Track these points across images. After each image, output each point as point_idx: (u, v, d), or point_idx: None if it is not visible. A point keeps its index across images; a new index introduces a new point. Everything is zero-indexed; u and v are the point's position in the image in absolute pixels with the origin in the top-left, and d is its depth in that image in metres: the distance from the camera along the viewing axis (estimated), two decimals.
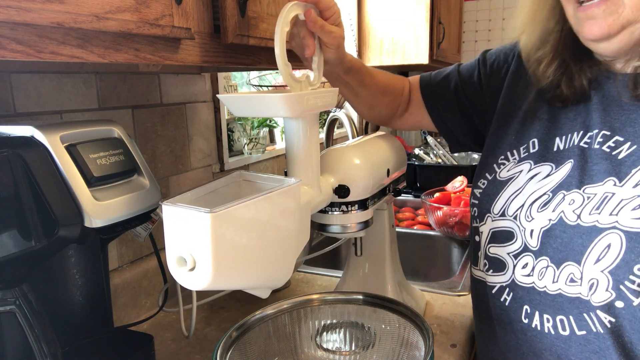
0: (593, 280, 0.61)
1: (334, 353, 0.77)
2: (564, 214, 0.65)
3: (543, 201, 0.68)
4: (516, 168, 0.75)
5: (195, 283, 0.55)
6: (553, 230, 0.66)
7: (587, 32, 0.63)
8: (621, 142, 0.64)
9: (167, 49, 0.62)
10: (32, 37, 0.46)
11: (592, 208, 0.62)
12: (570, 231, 0.64)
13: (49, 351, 0.57)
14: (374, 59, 2.13)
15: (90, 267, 0.73)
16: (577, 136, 0.70)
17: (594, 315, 0.62)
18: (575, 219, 0.64)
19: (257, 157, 1.46)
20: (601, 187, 0.63)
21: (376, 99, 0.92)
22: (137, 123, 1.03)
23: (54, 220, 0.55)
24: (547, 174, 0.70)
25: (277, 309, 0.77)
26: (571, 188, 0.66)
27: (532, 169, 0.73)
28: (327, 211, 0.80)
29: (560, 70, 0.71)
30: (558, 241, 0.65)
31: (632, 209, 0.59)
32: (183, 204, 0.54)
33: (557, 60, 0.72)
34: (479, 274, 0.78)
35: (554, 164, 0.71)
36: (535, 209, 0.69)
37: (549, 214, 0.67)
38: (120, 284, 0.99)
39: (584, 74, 0.70)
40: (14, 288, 0.56)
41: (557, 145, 0.72)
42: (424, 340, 0.66)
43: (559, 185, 0.68)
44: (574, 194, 0.65)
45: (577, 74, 0.70)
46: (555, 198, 0.67)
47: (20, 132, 0.59)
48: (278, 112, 0.68)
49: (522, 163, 0.74)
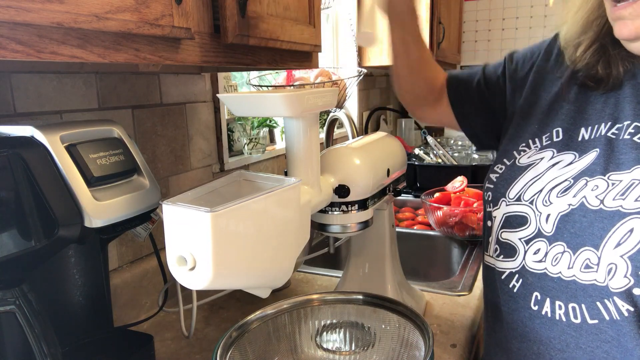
0: (611, 266, 0.61)
1: (334, 353, 0.77)
2: (585, 199, 0.65)
3: (564, 187, 0.68)
4: (537, 155, 0.74)
5: (196, 282, 0.55)
6: (572, 215, 0.65)
7: (618, 32, 0.65)
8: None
9: (167, 49, 0.62)
10: (32, 37, 0.46)
11: (616, 194, 0.62)
12: (591, 215, 0.63)
13: (49, 351, 0.57)
14: (374, 58, 2.13)
15: (90, 267, 0.73)
16: (604, 127, 0.69)
17: (611, 303, 0.62)
18: (598, 203, 0.63)
19: (257, 157, 1.46)
20: (628, 174, 0.63)
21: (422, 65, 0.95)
22: (137, 123, 1.03)
23: (54, 220, 0.55)
24: (569, 162, 0.70)
25: (277, 309, 0.77)
26: (595, 175, 0.66)
27: (555, 157, 0.72)
28: (327, 211, 0.80)
29: (599, 53, 0.72)
30: (577, 226, 0.65)
31: None
32: (183, 203, 0.54)
33: (597, 44, 0.73)
34: (489, 260, 0.77)
35: (577, 152, 0.70)
36: (554, 194, 0.68)
37: (569, 199, 0.66)
38: (120, 284, 0.99)
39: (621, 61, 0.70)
40: (14, 288, 0.56)
41: (582, 135, 0.71)
42: (424, 340, 0.66)
43: (581, 172, 0.67)
44: (598, 180, 0.65)
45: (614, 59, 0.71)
46: (577, 184, 0.67)
47: (20, 132, 0.59)
48: (278, 111, 0.68)
49: (544, 151, 0.74)
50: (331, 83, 1.42)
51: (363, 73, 1.44)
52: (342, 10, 2.13)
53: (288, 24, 0.86)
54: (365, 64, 2.15)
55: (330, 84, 1.42)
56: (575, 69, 0.76)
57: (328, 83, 1.41)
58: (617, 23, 0.64)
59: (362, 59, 2.15)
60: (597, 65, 0.72)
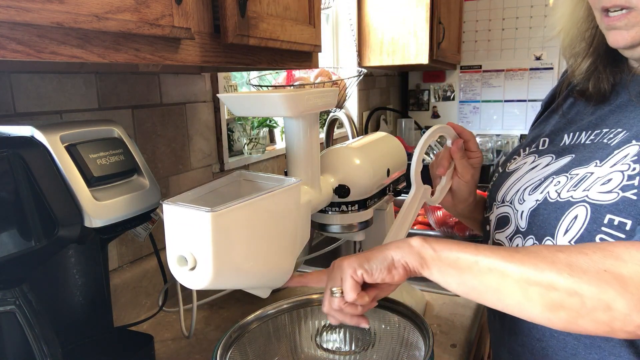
0: None
1: (333, 353, 0.77)
2: (548, 194, 0.68)
3: (534, 185, 0.71)
4: (522, 161, 0.78)
5: (196, 282, 0.55)
6: (538, 209, 0.68)
7: (613, 42, 0.66)
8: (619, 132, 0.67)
9: (167, 49, 0.62)
10: (32, 37, 0.46)
11: (571, 186, 0.65)
12: (550, 207, 0.66)
13: (49, 351, 0.57)
14: (374, 59, 2.13)
15: (90, 267, 0.73)
16: (585, 135, 0.72)
17: None
18: (555, 196, 0.66)
19: (257, 157, 1.46)
20: (585, 169, 0.65)
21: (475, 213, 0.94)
22: (137, 123, 1.03)
23: (54, 220, 0.55)
24: (546, 164, 0.73)
25: (277, 308, 0.77)
26: (561, 173, 0.69)
27: (535, 161, 0.76)
28: (327, 211, 0.80)
29: (592, 68, 0.75)
30: (540, 219, 0.67)
31: (601, 184, 0.61)
32: (183, 203, 0.54)
33: (591, 57, 0.75)
34: None
35: (555, 155, 0.74)
36: (527, 193, 0.72)
37: (537, 196, 0.69)
38: (120, 284, 0.99)
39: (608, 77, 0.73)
40: (14, 288, 0.56)
41: (564, 141, 0.75)
42: (423, 340, 0.66)
43: (553, 173, 0.71)
44: (561, 177, 0.68)
45: (603, 75, 0.74)
46: (545, 182, 0.70)
47: (20, 132, 0.59)
48: (278, 111, 0.68)
49: (528, 156, 0.78)
50: (331, 83, 1.42)
51: (363, 73, 1.44)
52: (342, 10, 2.13)
53: (288, 24, 0.86)
54: (365, 64, 2.15)
55: (330, 84, 1.42)
56: (571, 82, 0.79)
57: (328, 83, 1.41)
58: (611, 33, 0.66)
59: (362, 59, 2.15)
60: (589, 81, 0.75)
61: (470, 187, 0.80)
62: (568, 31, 0.77)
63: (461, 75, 2.81)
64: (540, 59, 2.63)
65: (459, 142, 0.76)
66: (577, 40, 0.76)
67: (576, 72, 0.77)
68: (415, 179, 0.74)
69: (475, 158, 0.79)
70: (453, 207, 0.83)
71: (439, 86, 2.86)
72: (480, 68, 2.76)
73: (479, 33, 2.74)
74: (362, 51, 2.15)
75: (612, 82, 0.73)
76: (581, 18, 0.75)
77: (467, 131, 0.78)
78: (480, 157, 0.80)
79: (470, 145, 0.78)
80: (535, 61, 2.64)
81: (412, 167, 0.73)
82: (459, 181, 0.78)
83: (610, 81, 0.73)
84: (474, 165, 0.78)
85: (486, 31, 2.72)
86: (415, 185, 0.74)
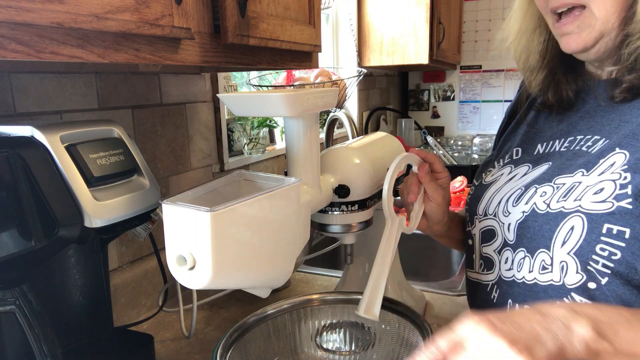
0: (563, 264, 0.63)
1: (333, 353, 0.77)
2: (535, 205, 0.67)
3: (516, 196, 0.71)
4: (498, 172, 0.79)
5: (195, 282, 0.55)
6: (526, 221, 0.68)
7: (566, 47, 0.67)
8: (597, 140, 0.67)
9: (167, 49, 0.62)
10: (32, 37, 0.46)
11: (559, 196, 0.65)
12: (541, 219, 0.66)
13: (49, 351, 0.57)
14: (373, 59, 2.13)
15: (90, 267, 0.73)
16: (558, 143, 0.73)
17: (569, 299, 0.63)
18: (544, 207, 0.66)
19: (257, 157, 1.46)
20: (571, 178, 0.65)
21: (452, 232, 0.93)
22: (137, 123, 1.03)
23: (54, 220, 0.55)
24: (524, 173, 0.74)
25: (277, 308, 0.77)
26: (544, 182, 0.69)
27: (512, 171, 0.76)
28: (327, 211, 0.80)
29: (549, 79, 0.75)
30: (531, 231, 0.67)
31: (594, 193, 0.61)
32: (183, 203, 0.54)
33: (546, 69, 0.76)
34: (473, 276, 0.80)
35: (531, 164, 0.74)
36: (510, 204, 0.72)
37: (523, 207, 0.69)
38: (120, 284, 0.99)
39: (569, 85, 0.74)
40: (14, 288, 0.56)
41: (537, 150, 0.75)
42: (424, 340, 0.66)
43: (532, 181, 0.71)
44: (546, 187, 0.68)
45: (563, 84, 0.74)
46: (528, 192, 0.70)
47: (20, 132, 0.59)
48: (278, 111, 0.68)
49: (504, 167, 0.78)
50: (331, 83, 1.42)
51: (363, 73, 1.44)
52: (342, 10, 2.13)
53: (288, 24, 0.86)
54: (365, 64, 2.15)
55: (330, 84, 1.42)
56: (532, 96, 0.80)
57: (328, 83, 1.41)
58: (564, 38, 0.67)
59: (362, 59, 2.15)
60: (548, 92, 0.75)
61: (443, 208, 0.79)
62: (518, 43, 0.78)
63: (461, 75, 2.81)
64: None
65: (425, 167, 0.75)
66: (529, 52, 0.77)
67: (532, 84, 0.77)
68: (389, 213, 0.73)
69: (443, 178, 0.78)
70: (429, 229, 0.83)
71: (439, 86, 2.87)
72: (480, 68, 2.76)
73: (479, 33, 2.74)
74: (362, 51, 2.15)
75: (575, 89, 0.74)
76: (531, 30, 0.76)
77: (430, 154, 0.78)
78: (448, 177, 0.79)
79: (436, 167, 0.77)
80: None
81: (384, 202, 0.72)
82: (431, 204, 0.77)
83: (573, 88, 0.74)
84: (442, 185, 0.78)
85: (486, 31, 2.72)
86: (389, 219, 0.73)
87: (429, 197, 0.77)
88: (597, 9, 0.62)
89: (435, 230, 0.83)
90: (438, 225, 0.81)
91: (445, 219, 0.80)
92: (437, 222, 0.80)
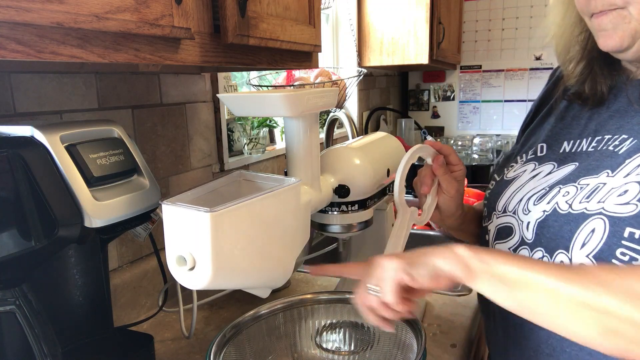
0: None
1: (333, 353, 0.77)
2: (557, 205, 0.66)
3: (540, 195, 0.70)
4: (521, 168, 0.77)
5: (195, 282, 0.55)
6: (547, 220, 0.67)
7: (603, 45, 0.66)
8: (625, 139, 0.65)
9: (167, 49, 0.62)
10: (32, 37, 0.46)
11: (582, 197, 0.63)
12: (562, 219, 0.65)
13: (49, 351, 0.57)
14: (374, 59, 2.13)
15: (90, 267, 0.73)
16: (586, 142, 0.71)
17: None
18: (567, 207, 0.65)
19: (257, 157, 1.46)
20: (596, 179, 0.64)
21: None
22: (137, 123, 1.03)
23: (54, 220, 0.55)
24: (548, 172, 0.72)
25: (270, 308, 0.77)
26: (568, 182, 0.67)
27: (536, 169, 0.74)
28: (327, 211, 0.81)
29: (587, 70, 0.74)
30: (551, 231, 0.66)
31: (618, 195, 0.60)
32: (183, 203, 0.54)
33: (586, 60, 0.74)
34: None
35: (556, 162, 0.72)
36: (532, 203, 0.70)
37: (544, 206, 0.68)
38: (120, 284, 0.99)
39: (604, 79, 0.72)
40: (14, 288, 0.56)
41: (564, 148, 0.73)
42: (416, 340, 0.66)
43: (557, 182, 0.69)
44: (570, 187, 0.66)
45: (599, 77, 0.73)
46: (551, 191, 0.68)
47: (20, 132, 0.59)
48: (278, 111, 0.68)
49: (528, 164, 0.77)
50: (331, 83, 1.42)
51: (363, 73, 1.44)
52: (342, 10, 2.13)
53: (288, 24, 0.86)
54: (365, 64, 2.15)
55: (330, 84, 1.42)
56: (567, 86, 0.78)
57: (328, 83, 1.41)
58: (601, 35, 0.65)
59: (362, 59, 2.15)
60: (585, 83, 0.74)
61: (457, 201, 0.79)
62: (560, 36, 0.77)
63: (461, 75, 2.81)
64: (540, 59, 2.63)
65: (440, 158, 0.75)
66: (570, 45, 0.76)
67: (571, 75, 0.76)
68: (400, 204, 0.73)
69: (458, 171, 0.77)
70: (442, 221, 0.82)
71: (439, 86, 2.87)
72: (480, 68, 2.76)
73: (479, 33, 2.74)
74: (362, 51, 2.15)
75: (610, 85, 0.72)
76: (573, 23, 0.74)
77: (446, 146, 0.77)
78: (463, 169, 0.78)
79: (451, 159, 0.76)
80: (535, 61, 2.64)
81: (396, 194, 0.72)
82: (444, 196, 0.77)
83: (608, 84, 0.72)
84: (457, 178, 0.77)
85: (486, 31, 2.72)
86: (401, 210, 0.73)
87: (442, 190, 0.76)
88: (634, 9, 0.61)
89: (448, 223, 0.82)
90: (451, 218, 0.80)
91: (458, 212, 0.79)
92: (450, 215, 0.79)
